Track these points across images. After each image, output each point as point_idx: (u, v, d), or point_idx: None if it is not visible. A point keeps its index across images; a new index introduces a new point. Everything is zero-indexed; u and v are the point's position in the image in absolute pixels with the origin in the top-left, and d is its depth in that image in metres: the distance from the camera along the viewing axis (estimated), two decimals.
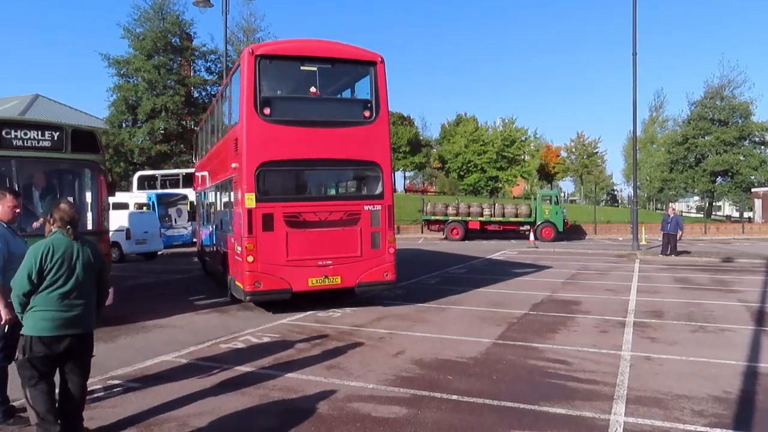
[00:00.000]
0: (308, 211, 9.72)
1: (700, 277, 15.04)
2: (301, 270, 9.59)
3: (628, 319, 9.11)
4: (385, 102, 10.14)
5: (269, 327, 8.65)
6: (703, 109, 47.54)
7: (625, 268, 17.00)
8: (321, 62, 10.01)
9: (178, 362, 6.69)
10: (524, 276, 15.32)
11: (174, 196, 26.60)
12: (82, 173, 9.07)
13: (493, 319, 9.14)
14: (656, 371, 6.23)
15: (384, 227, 10.06)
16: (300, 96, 10.22)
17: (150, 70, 34.22)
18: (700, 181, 46.71)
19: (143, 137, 34.73)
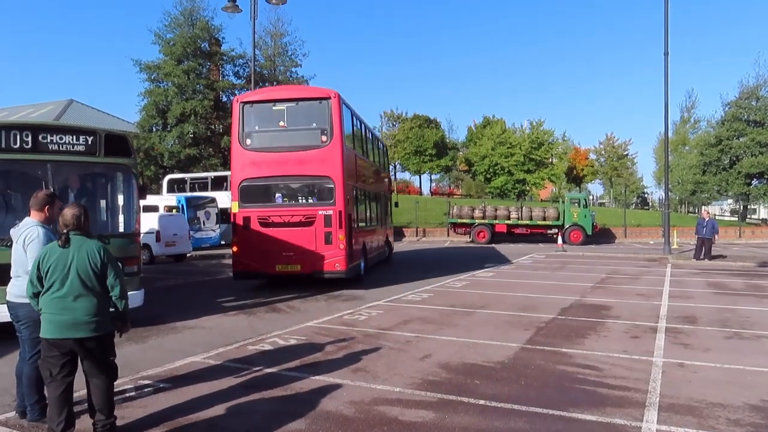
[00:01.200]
0: (275, 215, 12.99)
1: (734, 282, 14.65)
2: (271, 258, 12.81)
3: (660, 325, 8.91)
4: (337, 128, 12.79)
5: (296, 329, 8.70)
6: (738, 110, 46.39)
7: (657, 273, 16.65)
8: (287, 102, 13.42)
9: (206, 363, 6.77)
10: (552, 280, 15.13)
11: (203, 199, 26.95)
12: (115, 177, 9.27)
13: (521, 324, 9.05)
14: (690, 378, 6.08)
15: (335, 228, 12.70)
16: (271, 129, 13.38)
17: (180, 75, 34.80)
18: (734, 183, 45.57)
19: (173, 141, 35.30)
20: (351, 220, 13.39)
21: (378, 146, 19.70)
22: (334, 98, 12.91)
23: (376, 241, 17.34)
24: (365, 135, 16.82)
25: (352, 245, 13.28)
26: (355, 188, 14.37)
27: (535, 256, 22.85)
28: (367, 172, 16.33)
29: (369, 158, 17.22)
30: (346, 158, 13.10)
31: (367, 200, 16.25)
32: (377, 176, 18.32)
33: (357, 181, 14.63)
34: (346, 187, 12.92)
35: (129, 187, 9.13)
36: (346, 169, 13.11)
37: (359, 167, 15.04)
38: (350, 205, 13.41)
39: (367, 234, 16.04)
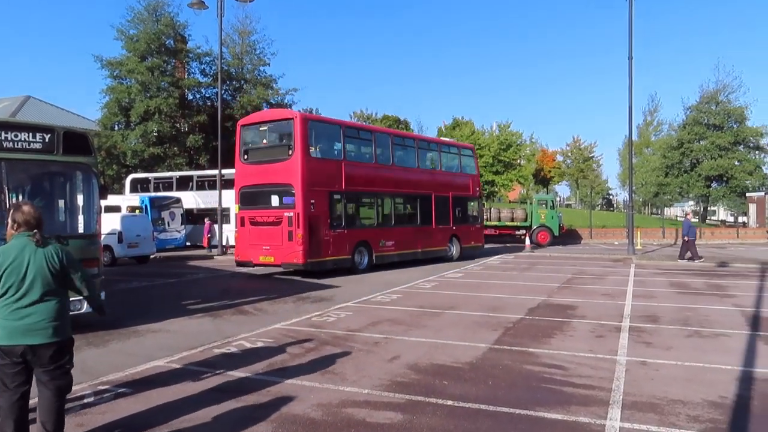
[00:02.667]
0: (258, 216, 16.45)
1: (695, 281, 15.09)
2: (256, 250, 16.28)
3: (624, 324, 9.12)
4: (298, 143, 15.58)
5: (263, 332, 8.61)
6: (699, 114, 47.77)
7: (621, 273, 17.04)
8: (267, 123, 17.25)
9: (170, 367, 6.64)
10: (520, 280, 15.34)
11: (167, 199, 26.50)
12: (74, 176, 9.02)
13: (489, 324, 9.14)
14: (652, 376, 6.23)
15: (294, 227, 15.53)
16: (258, 146, 17.09)
17: (143, 72, 34.10)
18: (695, 185, 46.92)
19: (136, 140, 34.57)
20: (314, 221, 15.72)
21: (405, 151, 20.60)
22: (296, 118, 15.90)
23: (405, 239, 19.14)
24: (368, 142, 18.67)
25: (311, 242, 15.63)
26: (336, 193, 16.60)
27: (503, 257, 23.16)
28: (366, 177, 17.93)
29: (379, 162, 18.70)
30: (308, 168, 15.69)
31: (374, 202, 18.30)
32: (402, 179, 19.44)
33: (338, 186, 16.65)
34: (307, 193, 15.56)
35: (89, 187, 8.90)
36: (308, 177, 15.66)
37: (347, 174, 16.97)
38: (318, 208, 15.85)
39: (374, 232, 18.01)
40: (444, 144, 23.26)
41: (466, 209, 22.54)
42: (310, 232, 15.57)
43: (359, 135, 19.24)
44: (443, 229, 20.94)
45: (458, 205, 21.79)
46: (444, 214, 21.01)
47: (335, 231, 16.49)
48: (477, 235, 23.06)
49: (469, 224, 22.55)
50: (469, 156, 23.49)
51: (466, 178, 22.65)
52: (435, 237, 20.51)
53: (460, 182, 22.20)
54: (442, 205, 20.94)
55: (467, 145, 25.56)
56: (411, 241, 19.42)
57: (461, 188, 22.14)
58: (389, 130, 23.27)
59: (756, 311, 10.41)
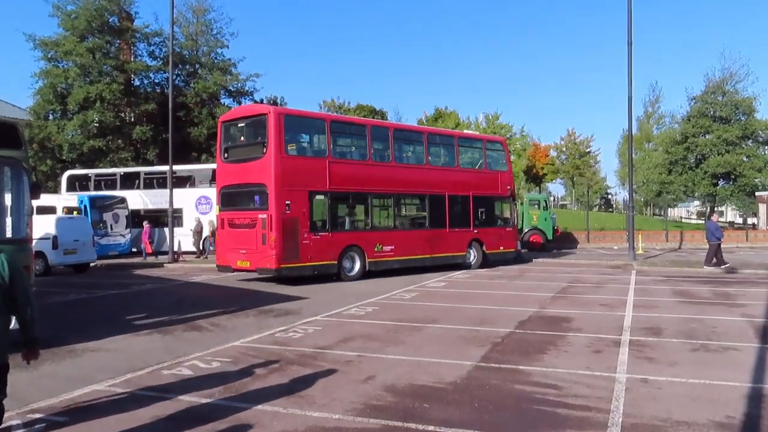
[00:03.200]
0: (234, 218, 17.16)
1: (700, 289, 15.38)
2: (234, 255, 16.87)
3: (624, 338, 9.24)
4: (273, 140, 16.08)
5: (220, 350, 8.52)
6: (704, 105, 48.48)
7: (621, 281, 17.29)
8: (244, 120, 17.93)
9: (112, 392, 6.53)
10: (510, 290, 15.46)
11: (110, 199, 26.13)
12: (1, 172, 8.81)
13: (476, 339, 9.18)
14: (654, 395, 6.32)
15: (268, 230, 16.00)
16: (236, 144, 17.92)
17: (83, 54, 33.56)
18: (700, 184, 47.58)
19: (74, 131, 33.99)
20: (290, 223, 16.17)
21: (410, 147, 21.03)
22: (270, 114, 16.43)
23: (409, 244, 19.31)
24: (360, 137, 19.12)
25: (287, 246, 16.07)
26: (319, 193, 17.03)
27: None
28: (358, 175, 18.25)
29: (375, 160, 19.02)
30: (283, 167, 16.19)
31: (368, 203, 18.65)
32: (404, 178, 19.67)
33: (321, 185, 17.06)
34: (281, 193, 16.04)
35: (19, 185, 8.71)
36: (283, 176, 16.14)
37: (334, 173, 17.32)
38: (295, 209, 16.32)
39: (368, 236, 18.29)
40: (464, 138, 23.33)
41: (492, 210, 22.38)
42: (286, 235, 16.02)
43: (350, 130, 19.65)
44: (460, 233, 20.81)
45: (481, 205, 21.62)
46: (462, 216, 20.95)
47: (317, 234, 16.85)
48: (508, 239, 22.72)
49: (497, 227, 22.32)
50: (497, 151, 23.33)
51: (493, 176, 22.39)
52: (448, 241, 20.40)
53: (484, 180, 22.01)
54: (459, 205, 20.92)
55: (495, 138, 25.15)
56: (416, 246, 19.47)
57: (486, 187, 21.91)
58: (390, 124, 23.29)
59: (767, 321, 10.64)
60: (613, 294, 14.51)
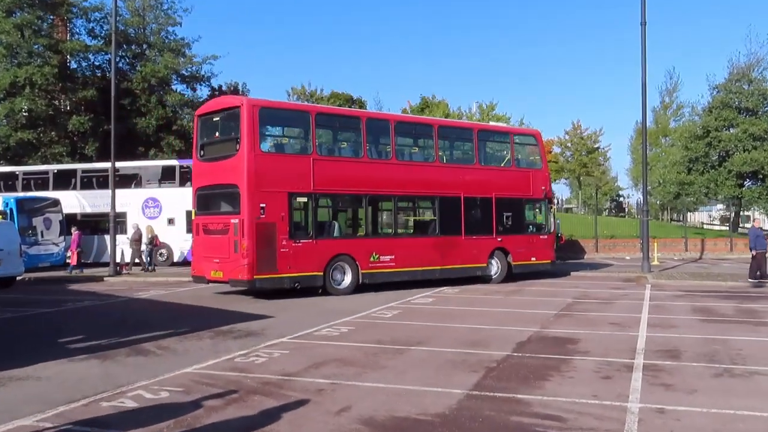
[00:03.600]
0: (207, 222, 17.66)
1: (724, 306, 15.57)
2: (208, 264, 17.22)
3: (637, 361, 9.32)
4: (246, 135, 16.45)
5: (169, 378, 8.44)
6: (727, 95, 49.06)
7: (634, 296, 17.46)
8: (218, 113, 18.26)
9: (40, 427, 6.44)
10: (507, 306, 15.54)
11: (41, 201, 25.87)
12: None
13: (467, 364, 9.20)
14: (671, 427, 6.38)
15: (240, 236, 16.29)
16: (211, 140, 18.33)
17: (10, 31, 33.23)
18: (724, 184, 48.01)
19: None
20: (266, 229, 16.50)
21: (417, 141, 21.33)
22: (243, 106, 16.85)
23: (413, 253, 19.37)
24: (353, 132, 19.44)
25: (261, 255, 16.33)
26: (301, 195, 17.35)
27: None
28: (349, 175, 18.42)
29: (372, 157, 19.17)
30: (258, 166, 16.59)
31: (362, 206, 18.99)
32: (408, 177, 19.70)
33: (304, 186, 17.31)
34: (255, 195, 16.37)
35: None
36: (257, 176, 16.50)
37: (319, 172, 17.53)
38: (271, 213, 16.59)
39: (362, 243, 18.47)
40: (485, 131, 23.23)
41: (522, 215, 22.22)
42: (260, 242, 16.34)
43: (341, 123, 19.89)
44: (479, 241, 20.66)
45: (508, 209, 21.46)
46: (481, 221, 20.85)
47: (298, 241, 17.10)
48: (541, 249, 22.34)
49: (527, 234, 22.15)
50: (529, 145, 23.27)
51: (523, 175, 22.21)
52: (464, 250, 20.32)
53: (511, 180, 21.88)
54: (479, 209, 20.88)
55: (527, 130, 24.75)
56: (423, 256, 19.46)
57: (513, 187, 21.75)
58: (391, 116, 23.06)
59: None
60: (624, 311, 14.63)
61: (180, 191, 26.68)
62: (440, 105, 60.73)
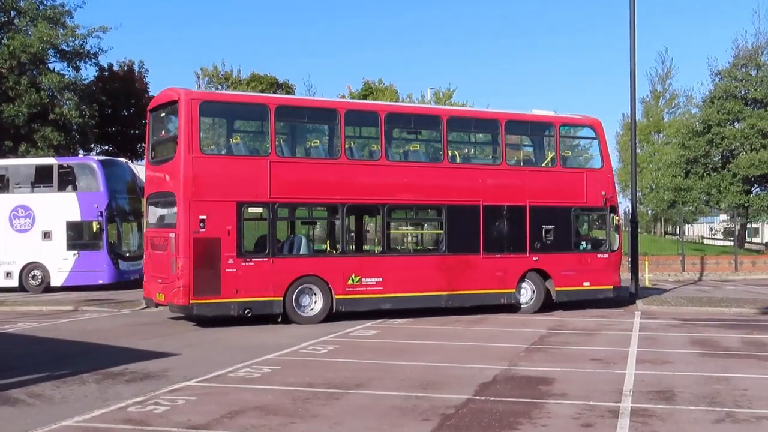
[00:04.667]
0: (154, 236, 18.48)
1: (727, 337, 16.03)
2: (155, 285, 17.84)
3: (624, 405, 9.50)
4: (182, 135, 16.91)
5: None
6: (731, 83, 49.94)
7: (620, 326, 17.80)
8: (162, 108, 18.80)
9: None
10: (468, 339, 15.66)
11: None
12: None
13: (419, 411, 9.23)
14: None
15: (177, 254, 16.67)
16: (160, 140, 19.10)
17: None
18: (728, 190, 48.68)
19: None
20: (207, 245, 16.83)
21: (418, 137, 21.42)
22: (181, 99, 17.25)
23: (409, 275, 19.15)
24: (328, 126, 19.75)
25: (200, 276, 16.67)
26: (254, 205, 17.80)
27: None
28: (318, 180, 18.55)
29: (351, 157, 19.27)
30: (198, 170, 16.93)
31: (338, 218, 18.92)
32: (403, 182, 19.59)
33: (259, 195, 17.62)
34: (193, 205, 16.75)
35: None
36: (196, 183, 16.88)
37: (279, 177, 17.77)
38: (214, 227, 16.89)
39: (337, 263, 18.62)
40: (516, 121, 22.00)
41: (570, 227, 21.25)
42: (198, 260, 16.72)
43: (310, 117, 19.94)
44: (505, 260, 20.15)
45: (549, 220, 20.74)
46: (510, 236, 20.28)
47: (249, 260, 17.42)
48: (599, 271, 21.35)
49: (578, 252, 21.39)
50: (583, 139, 22.80)
51: (574, 176, 21.58)
52: (482, 272, 19.83)
53: (555, 183, 21.19)
54: (506, 220, 20.28)
55: (579, 119, 23.19)
56: (424, 279, 19.22)
57: (558, 192, 21.03)
58: (380, 106, 22.82)
59: None
60: (609, 344, 14.92)
61: (59, 197, 26.15)
62: (387, 91, 60.85)
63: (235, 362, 12.65)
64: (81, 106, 38.41)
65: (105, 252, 26.76)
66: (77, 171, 27.64)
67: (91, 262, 26.63)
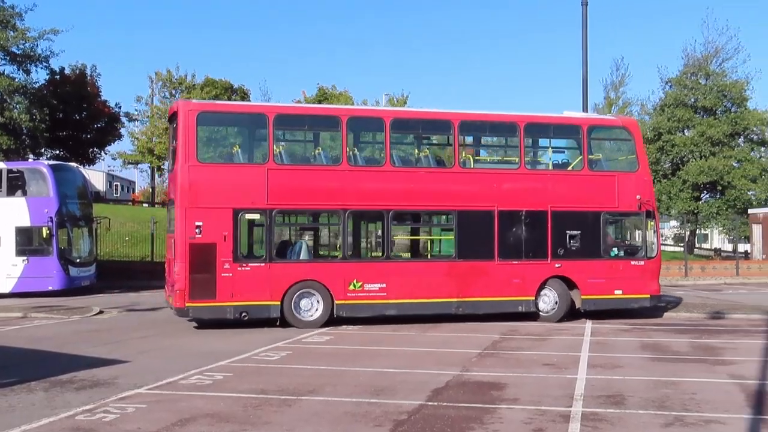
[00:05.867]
0: (168, 242, 19.71)
1: (676, 341, 16.30)
2: (169, 288, 18.97)
3: (575, 410, 9.63)
4: (180, 144, 17.76)
5: None
6: (682, 91, 50.93)
7: (572, 330, 18.00)
8: (170, 120, 20.17)
9: None
10: (421, 345, 15.71)
11: None
12: None
13: (371, 417, 9.26)
14: None
15: (176, 258, 17.64)
16: (170, 149, 21.06)
17: None
18: (678, 197, 49.50)
19: None
20: (204, 251, 17.51)
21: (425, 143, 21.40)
22: (179, 110, 18.12)
23: (416, 281, 19.08)
24: (330, 133, 20.18)
25: (196, 280, 17.38)
26: (250, 212, 18.32)
27: None
28: (317, 186, 18.80)
29: (354, 164, 19.39)
30: (194, 178, 17.73)
31: (340, 224, 19.15)
32: (408, 189, 19.46)
33: (256, 201, 18.15)
34: (189, 212, 17.58)
35: None
36: (192, 190, 17.69)
37: (276, 184, 18.18)
38: (210, 232, 17.61)
39: (339, 268, 18.85)
40: (540, 124, 21.57)
41: (599, 233, 20.40)
42: (194, 265, 17.51)
43: (312, 124, 20.32)
44: (524, 267, 19.73)
45: (574, 225, 20.10)
46: (529, 241, 19.78)
47: (245, 265, 18.02)
48: (633, 279, 20.38)
49: (609, 259, 20.41)
50: (616, 140, 21.98)
51: (604, 180, 20.74)
52: (498, 279, 19.46)
53: (581, 187, 20.56)
54: (524, 226, 19.79)
55: (611, 120, 22.91)
56: (432, 285, 19.08)
57: (585, 197, 20.34)
58: (385, 112, 22.55)
59: (761, 384, 11.45)
60: (561, 349, 15.07)
61: (8, 203, 25.77)
62: (341, 97, 61.16)
63: (186, 369, 12.55)
64: (31, 110, 38.17)
65: (55, 258, 26.44)
66: (27, 176, 27.31)
67: (40, 268, 26.28)
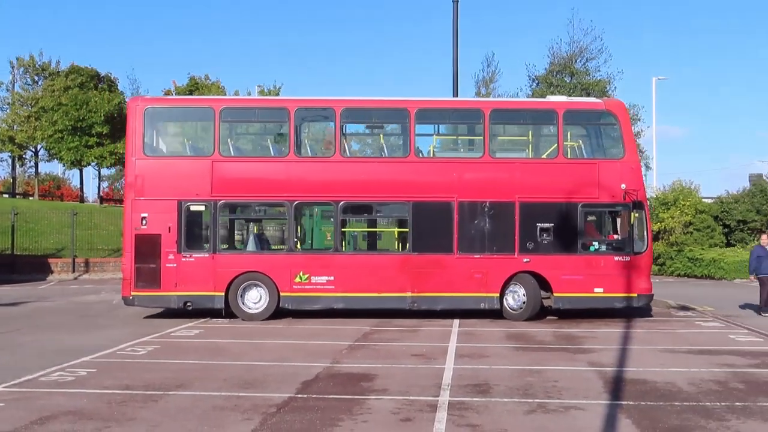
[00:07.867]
0: None
1: (541, 331, 16.87)
2: None
3: (442, 399, 9.82)
4: (128, 137, 18.85)
5: None
6: (548, 88, 52.93)
7: (442, 322, 18.28)
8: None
9: None
10: (291, 337, 15.70)
11: None
12: None
13: (240, 410, 9.21)
14: None
15: (123, 249, 19.10)
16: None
17: None
18: None
19: None
20: (148, 242, 18.19)
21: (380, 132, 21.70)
22: (129, 105, 19.95)
23: (365, 274, 18.71)
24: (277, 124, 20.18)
25: (141, 270, 18.19)
26: (196, 203, 18.55)
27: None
28: (264, 178, 19.03)
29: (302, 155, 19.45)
30: (141, 171, 18.47)
31: (287, 215, 19.14)
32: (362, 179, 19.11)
33: (202, 193, 18.49)
34: (135, 204, 18.40)
35: None
36: (139, 182, 18.47)
37: (221, 176, 18.57)
38: (155, 224, 18.22)
39: (284, 260, 18.89)
40: (507, 110, 21.14)
41: (575, 225, 18.93)
42: (139, 255, 18.37)
43: (258, 116, 20.71)
44: (486, 261, 18.73)
45: (545, 217, 18.79)
46: (493, 234, 18.74)
47: (189, 256, 18.48)
48: (616, 276, 18.76)
49: (586, 254, 19.01)
50: (598, 125, 20.21)
51: (583, 168, 19.37)
52: (457, 273, 18.64)
53: (555, 175, 19.18)
54: (487, 218, 18.74)
55: (592, 103, 21.36)
56: (384, 279, 18.62)
57: (559, 186, 18.90)
58: (336, 102, 19.49)
59: (618, 371, 11.98)
60: (430, 340, 15.35)
61: None
62: (213, 87, 60.51)
63: (47, 366, 12.18)
64: None
65: None
66: None
67: None
